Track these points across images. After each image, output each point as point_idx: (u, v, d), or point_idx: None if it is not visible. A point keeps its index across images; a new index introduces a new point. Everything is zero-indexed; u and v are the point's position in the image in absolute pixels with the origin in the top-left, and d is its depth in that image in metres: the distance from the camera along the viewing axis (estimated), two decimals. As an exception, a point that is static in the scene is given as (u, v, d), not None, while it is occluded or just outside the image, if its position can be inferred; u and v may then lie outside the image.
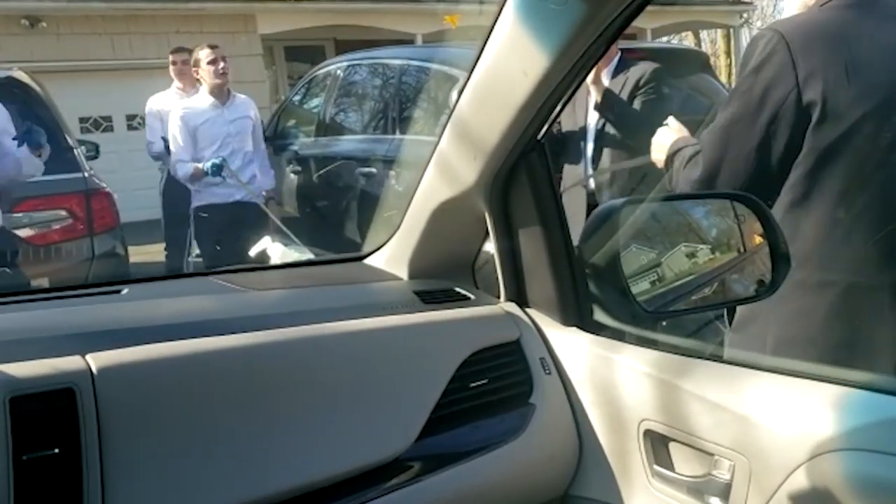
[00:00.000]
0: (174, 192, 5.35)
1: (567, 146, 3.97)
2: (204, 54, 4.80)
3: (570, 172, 3.98)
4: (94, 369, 1.01)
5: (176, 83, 5.72)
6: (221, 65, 4.78)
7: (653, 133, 3.79)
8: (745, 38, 16.16)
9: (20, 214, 4.26)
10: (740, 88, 1.64)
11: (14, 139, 3.79)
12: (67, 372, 0.99)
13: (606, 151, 3.87)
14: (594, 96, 3.85)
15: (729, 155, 1.62)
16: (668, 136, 2.01)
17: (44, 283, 4.00)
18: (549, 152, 1.37)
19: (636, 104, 3.82)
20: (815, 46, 1.57)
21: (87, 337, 1.10)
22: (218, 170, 4.64)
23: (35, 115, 4.56)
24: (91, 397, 0.98)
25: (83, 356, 1.02)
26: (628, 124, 3.77)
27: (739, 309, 1.69)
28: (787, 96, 1.55)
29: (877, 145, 1.59)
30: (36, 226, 4.29)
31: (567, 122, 3.94)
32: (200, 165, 4.69)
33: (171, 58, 5.73)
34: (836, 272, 1.60)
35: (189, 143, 4.78)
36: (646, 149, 2.22)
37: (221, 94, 4.83)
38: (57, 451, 0.94)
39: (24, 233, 4.26)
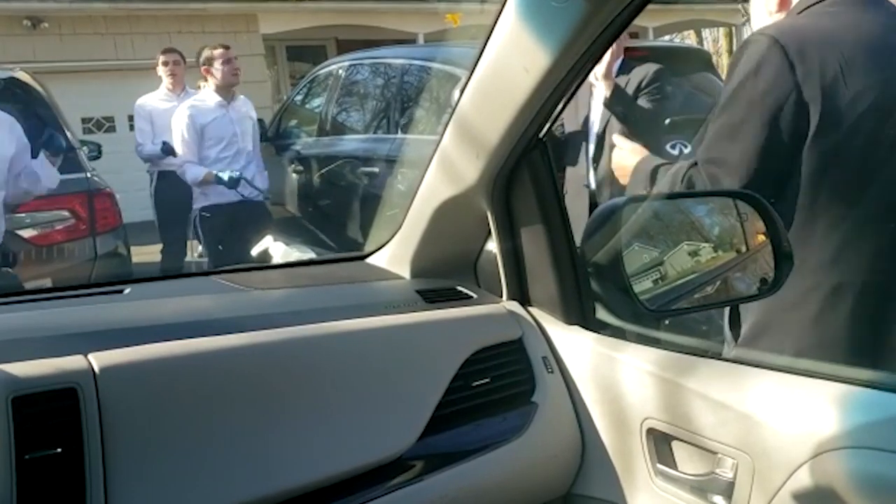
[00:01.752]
0: (166, 193, 5.34)
1: (569, 145, 3.97)
2: (219, 53, 4.82)
3: (573, 171, 3.97)
4: (96, 369, 1.01)
5: (166, 84, 5.70)
6: (236, 64, 4.82)
7: (657, 132, 3.79)
8: (746, 35, 16.08)
9: (23, 215, 4.26)
10: (738, 94, 1.62)
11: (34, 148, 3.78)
12: (70, 371, 0.99)
13: (607, 150, 3.86)
14: (604, 91, 3.84)
15: (732, 161, 1.61)
16: (628, 158, 2.01)
17: (46, 283, 4.01)
18: (552, 151, 1.37)
19: (639, 104, 3.82)
20: (809, 48, 1.56)
21: (89, 336, 1.10)
22: (235, 184, 4.66)
23: (37, 116, 4.57)
24: (93, 397, 0.98)
25: (85, 356, 1.02)
26: (636, 121, 3.76)
27: (748, 321, 1.67)
28: (788, 98, 1.54)
29: (878, 143, 1.59)
30: (39, 226, 4.30)
31: (569, 121, 3.94)
32: (214, 173, 4.70)
33: (161, 58, 5.71)
34: (849, 274, 1.59)
35: (196, 142, 4.79)
36: (651, 146, 2.21)
37: (229, 93, 4.85)
38: (59, 450, 0.95)
39: (27, 233, 4.27)
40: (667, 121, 4.06)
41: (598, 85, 3.97)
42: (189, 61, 5.74)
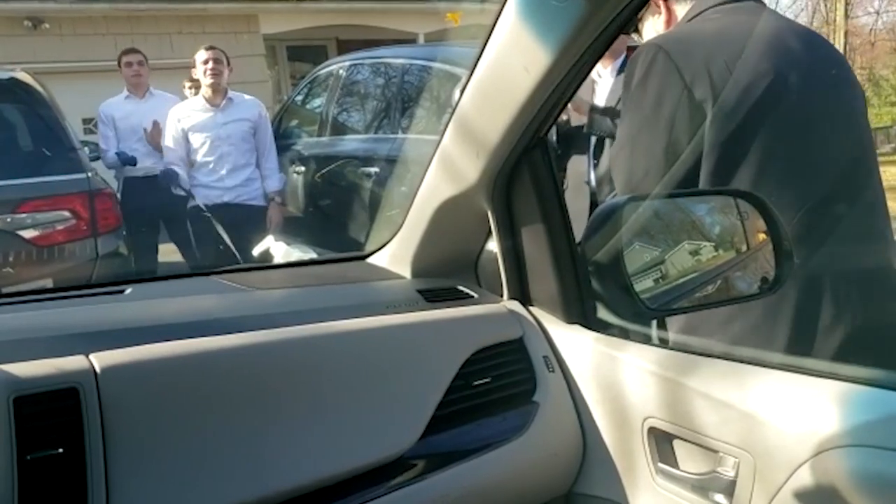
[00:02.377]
0: (133, 199, 5.28)
1: (570, 144, 3.98)
2: (199, 55, 4.81)
3: (573, 168, 3.98)
4: (97, 369, 1.01)
5: (128, 86, 5.59)
6: (212, 65, 4.77)
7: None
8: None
9: (24, 215, 4.26)
10: (633, 102, 1.66)
11: None
12: (71, 372, 0.99)
13: (608, 149, 3.87)
14: (607, 86, 3.86)
15: (638, 165, 1.65)
16: None
17: (48, 283, 4.00)
18: (552, 150, 1.37)
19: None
20: (693, 50, 1.61)
21: (90, 337, 1.11)
22: (171, 177, 4.72)
23: (39, 116, 4.56)
24: (95, 397, 0.98)
25: (87, 356, 1.02)
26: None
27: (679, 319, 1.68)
28: (680, 99, 1.58)
29: (772, 132, 1.61)
30: (39, 227, 4.29)
31: (571, 119, 3.94)
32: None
33: (123, 59, 5.60)
34: None
35: (182, 145, 4.79)
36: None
37: (215, 96, 4.82)
38: (61, 450, 0.95)
39: (28, 234, 4.26)
40: None
41: (601, 82, 3.98)
42: (183, 63, 5.71)
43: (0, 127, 4.46)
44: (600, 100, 3.91)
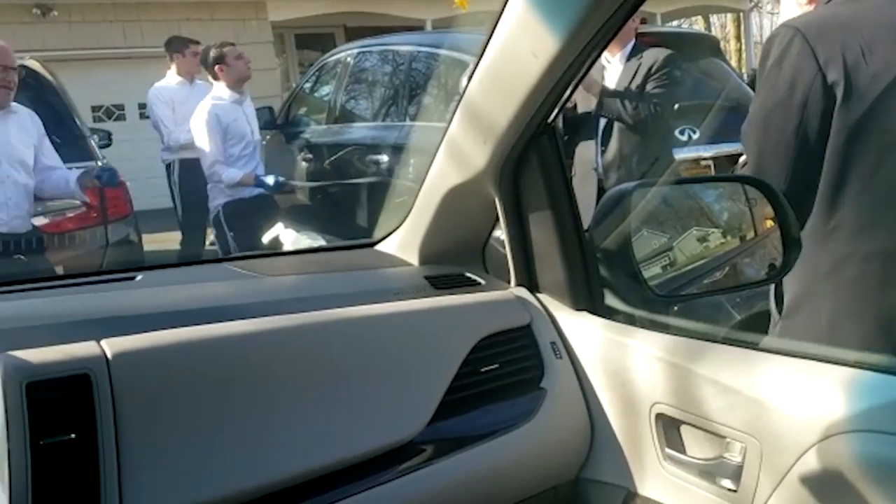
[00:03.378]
0: (190, 181, 5.30)
1: (577, 130, 3.97)
2: (229, 50, 4.82)
3: (581, 154, 3.98)
4: (108, 355, 1.01)
5: (179, 72, 5.69)
6: (248, 59, 4.83)
7: (660, 117, 3.82)
8: (754, 22, 16.03)
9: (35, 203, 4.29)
10: (768, 82, 1.72)
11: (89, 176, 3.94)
12: (83, 358, 1.00)
13: (615, 135, 3.87)
14: (616, 73, 3.87)
15: (770, 142, 1.70)
16: None
17: (59, 270, 4.03)
18: (560, 136, 1.37)
19: (649, 88, 3.82)
20: (829, 34, 1.66)
21: (101, 323, 1.12)
22: (279, 186, 4.77)
23: (48, 104, 4.58)
24: (106, 382, 0.99)
25: (98, 342, 1.03)
26: (631, 117, 3.79)
27: (789, 293, 1.72)
28: (813, 81, 1.63)
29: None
30: (50, 214, 4.32)
31: (579, 106, 3.94)
32: (254, 175, 4.78)
33: (174, 46, 5.70)
34: (881, 241, 1.66)
35: (222, 142, 4.79)
36: (651, 133, 2.21)
37: (241, 89, 4.86)
38: (73, 436, 0.95)
39: (38, 221, 4.29)
40: (675, 106, 4.05)
41: (609, 67, 3.97)
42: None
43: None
44: (609, 85, 3.91)
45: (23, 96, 4.50)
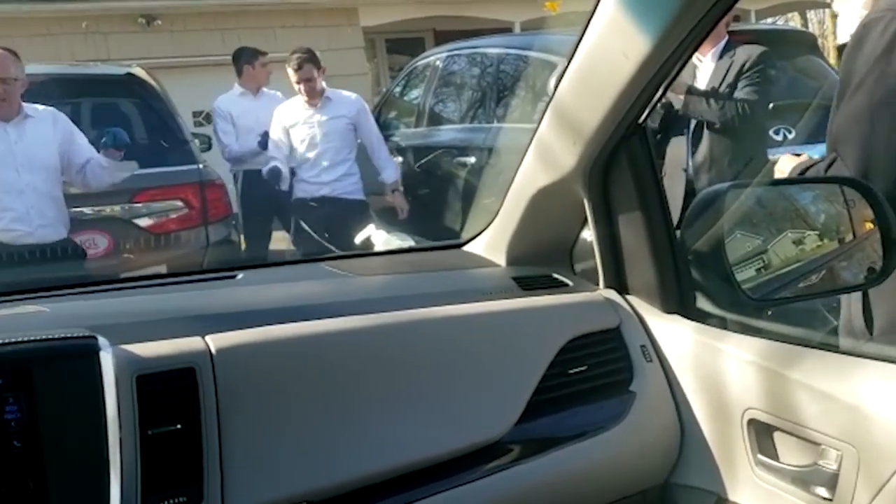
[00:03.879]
0: (253, 191, 5.43)
1: (669, 129, 3.90)
2: (292, 59, 4.90)
3: (672, 154, 3.90)
4: (213, 350, 1.06)
5: (244, 84, 5.74)
6: (301, 72, 4.82)
7: (752, 116, 3.67)
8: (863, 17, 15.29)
9: (140, 205, 4.49)
10: (872, 75, 1.55)
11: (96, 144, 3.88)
12: (188, 352, 1.05)
13: (706, 135, 3.78)
14: (707, 72, 3.79)
15: (880, 138, 1.54)
16: (788, 164, 1.95)
17: (162, 269, 4.20)
18: (651, 136, 1.35)
19: (742, 87, 3.72)
20: None
21: (205, 319, 1.17)
22: (274, 175, 4.84)
23: (153, 109, 4.79)
24: (210, 376, 1.04)
25: (203, 337, 1.08)
26: (718, 117, 3.70)
27: (884, 310, 1.61)
28: None
29: None
30: (154, 215, 4.51)
31: (672, 105, 3.87)
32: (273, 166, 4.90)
33: (260, 59, 5.77)
34: None
35: (284, 144, 4.94)
36: (744, 133, 2.11)
37: (311, 97, 4.94)
38: (179, 426, 1.01)
39: (143, 222, 4.49)
40: (770, 105, 3.93)
41: (701, 66, 3.88)
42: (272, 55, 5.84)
43: (117, 120, 4.70)
44: (701, 84, 3.82)
45: (130, 103, 4.73)
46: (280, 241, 5.78)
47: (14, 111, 3.63)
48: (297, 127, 4.97)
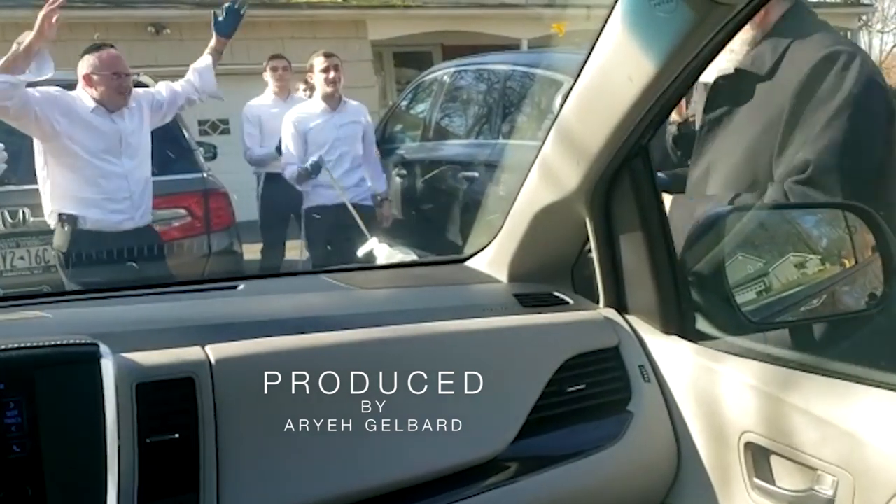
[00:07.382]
0: (273, 194, 5.48)
1: (673, 148, 3.90)
2: (318, 62, 4.94)
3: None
4: (212, 360, 1.07)
5: (273, 89, 5.81)
6: (332, 74, 4.91)
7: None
8: (863, 40, 15.40)
9: (143, 212, 4.49)
10: (861, 104, 1.52)
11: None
12: (188, 362, 1.05)
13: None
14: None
15: (858, 173, 1.52)
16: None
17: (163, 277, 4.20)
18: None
19: None
20: None
21: (205, 329, 1.17)
22: (316, 168, 4.79)
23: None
24: (209, 386, 1.04)
25: (202, 347, 1.08)
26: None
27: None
28: None
29: None
30: (157, 223, 4.51)
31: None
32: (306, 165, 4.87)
33: (270, 64, 5.84)
34: None
35: (300, 146, 4.94)
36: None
37: (332, 100, 4.97)
38: (177, 435, 1.01)
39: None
40: None
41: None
42: (295, 66, 5.90)
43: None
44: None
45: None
46: (291, 249, 5.80)
47: (126, 103, 3.93)
48: (315, 130, 4.97)
